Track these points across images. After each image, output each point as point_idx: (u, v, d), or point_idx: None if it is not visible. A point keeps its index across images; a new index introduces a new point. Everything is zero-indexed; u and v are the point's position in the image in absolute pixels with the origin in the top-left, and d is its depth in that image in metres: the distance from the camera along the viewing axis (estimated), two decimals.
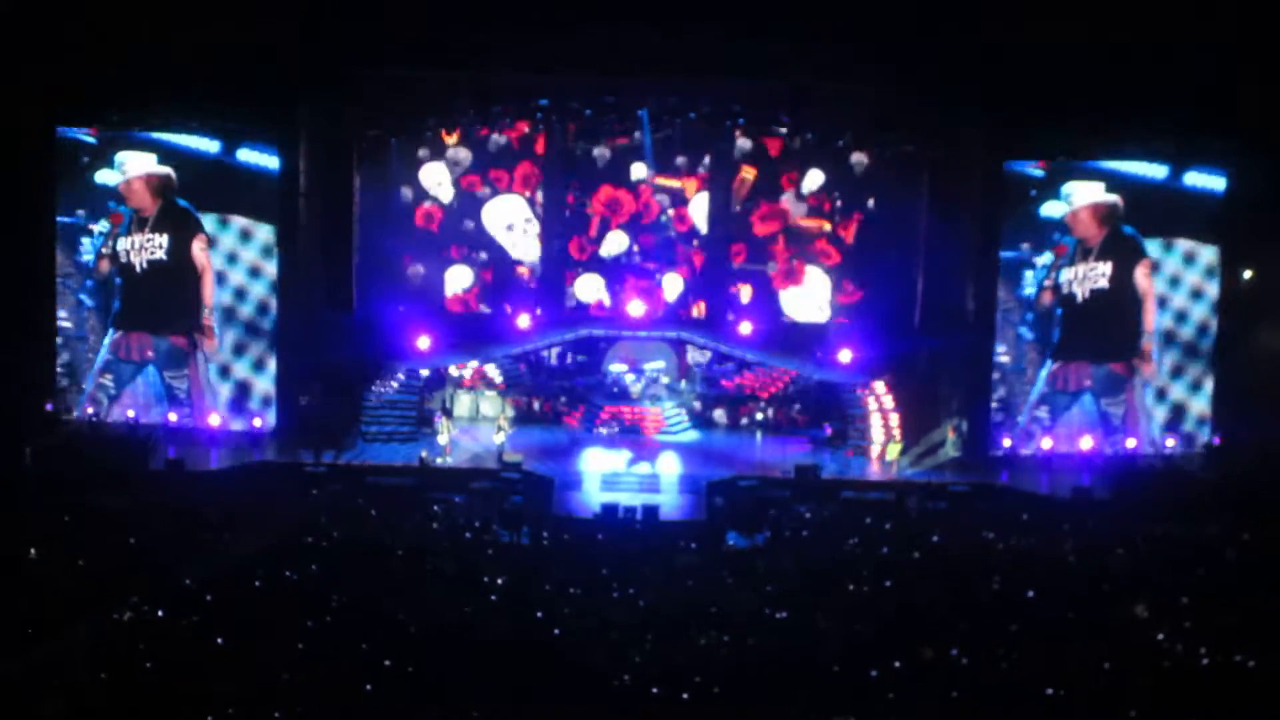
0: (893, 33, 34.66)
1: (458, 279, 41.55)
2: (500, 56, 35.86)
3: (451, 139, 40.67)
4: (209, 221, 36.41)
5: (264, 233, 36.52)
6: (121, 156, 36.06)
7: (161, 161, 36.11)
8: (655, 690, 17.96)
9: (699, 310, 41.60)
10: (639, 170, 41.17)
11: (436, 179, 40.99)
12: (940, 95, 35.84)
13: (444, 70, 36.76)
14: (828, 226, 41.13)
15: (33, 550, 23.40)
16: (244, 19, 33.68)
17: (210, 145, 36.00)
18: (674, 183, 41.45)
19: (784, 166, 41.12)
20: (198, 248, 36.52)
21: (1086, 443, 36.61)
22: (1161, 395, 37.50)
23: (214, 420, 36.78)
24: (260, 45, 34.01)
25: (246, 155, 36.04)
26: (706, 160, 41.27)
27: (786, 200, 41.18)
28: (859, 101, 37.57)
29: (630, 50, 35.58)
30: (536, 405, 41.59)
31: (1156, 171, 36.33)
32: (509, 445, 35.88)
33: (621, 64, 36.29)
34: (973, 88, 34.98)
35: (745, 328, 40.36)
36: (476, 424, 39.79)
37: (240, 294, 36.79)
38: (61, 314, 36.94)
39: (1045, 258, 36.38)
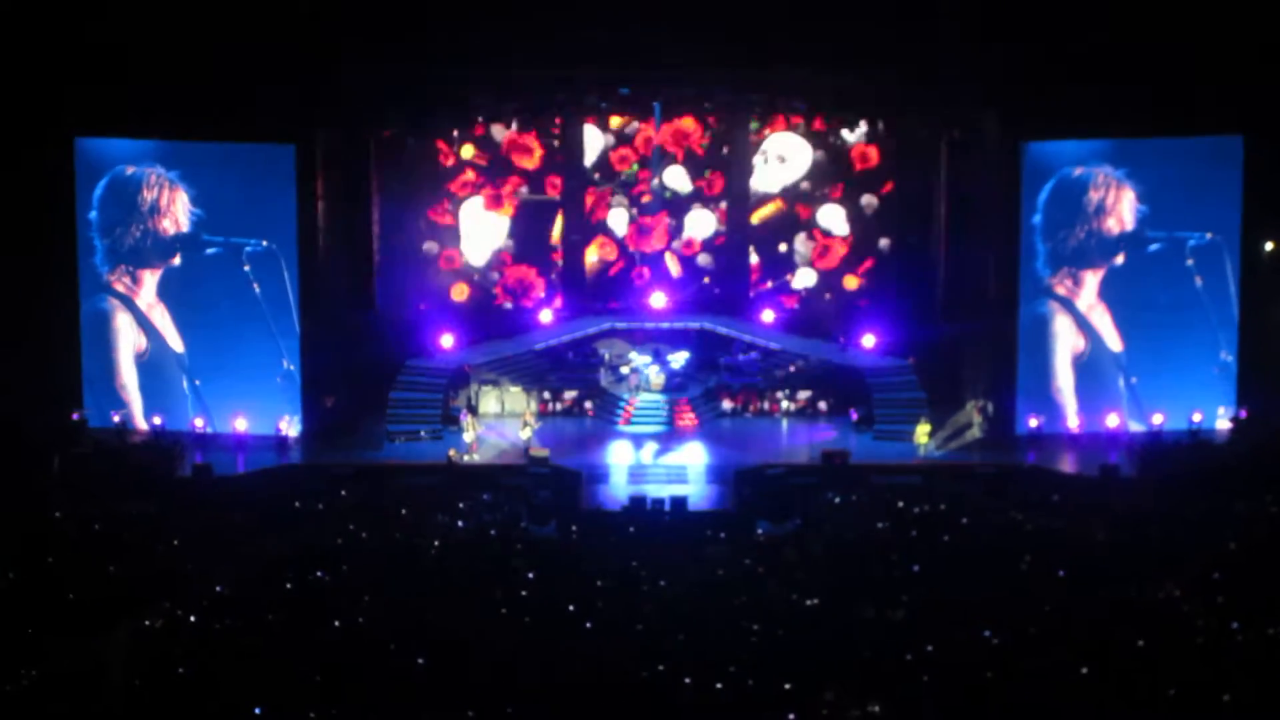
0: (904, 15, 34.62)
1: None
2: (515, 52, 35.85)
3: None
4: None
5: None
6: None
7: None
8: (688, 680, 17.99)
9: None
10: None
11: None
12: (955, 76, 35.66)
13: (458, 68, 36.70)
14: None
15: (64, 558, 23.58)
16: (255, 19, 33.82)
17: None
18: None
19: None
20: None
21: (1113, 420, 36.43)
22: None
23: (240, 424, 36.84)
24: (273, 45, 34.06)
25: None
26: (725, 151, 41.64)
27: None
28: (873, 86, 37.46)
29: (644, 42, 35.53)
30: (559, 400, 41.16)
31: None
32: (535, 440, 35.78)
33: (635, 57, 36.22)
34: (988, 67, 34.79)
35: (768, 315, 40.27)
36: (503, 420, 39.56)
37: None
38: None
39: None
